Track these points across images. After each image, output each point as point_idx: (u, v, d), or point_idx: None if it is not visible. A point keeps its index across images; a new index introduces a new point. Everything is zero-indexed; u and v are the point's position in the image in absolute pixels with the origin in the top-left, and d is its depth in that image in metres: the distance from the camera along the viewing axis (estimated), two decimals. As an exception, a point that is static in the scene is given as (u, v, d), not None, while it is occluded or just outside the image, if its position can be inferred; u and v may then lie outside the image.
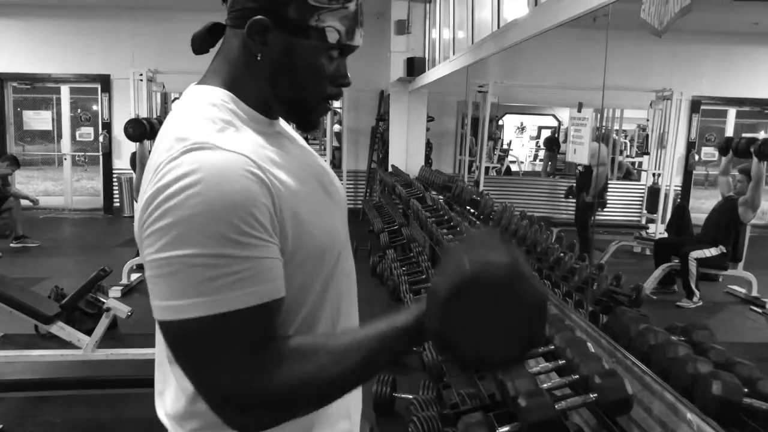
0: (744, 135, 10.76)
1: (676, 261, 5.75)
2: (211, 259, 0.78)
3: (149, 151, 5.80)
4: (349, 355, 0.84)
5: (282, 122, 1.05)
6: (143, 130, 5.50)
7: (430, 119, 9.07)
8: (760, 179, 5.55)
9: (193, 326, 0.79)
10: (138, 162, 5.48)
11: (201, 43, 1.01)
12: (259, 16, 0.89)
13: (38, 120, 11.53)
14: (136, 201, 3.89)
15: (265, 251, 0.82)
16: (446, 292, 0.76)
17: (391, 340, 0.85)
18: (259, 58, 0.92)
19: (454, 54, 5.96)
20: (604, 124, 10.26)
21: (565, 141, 12.71)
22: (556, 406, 1.63)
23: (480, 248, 0.81)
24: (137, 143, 5.48)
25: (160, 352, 0.98)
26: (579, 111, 6.02)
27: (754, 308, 5.64)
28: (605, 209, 8.49)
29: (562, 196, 9.17)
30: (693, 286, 5.56)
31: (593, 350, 1.88)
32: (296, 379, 0.82)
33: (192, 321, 0.78)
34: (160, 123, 6.11)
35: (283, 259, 0.86)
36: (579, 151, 6.02)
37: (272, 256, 0.83)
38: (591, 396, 1.64)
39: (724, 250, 5.66)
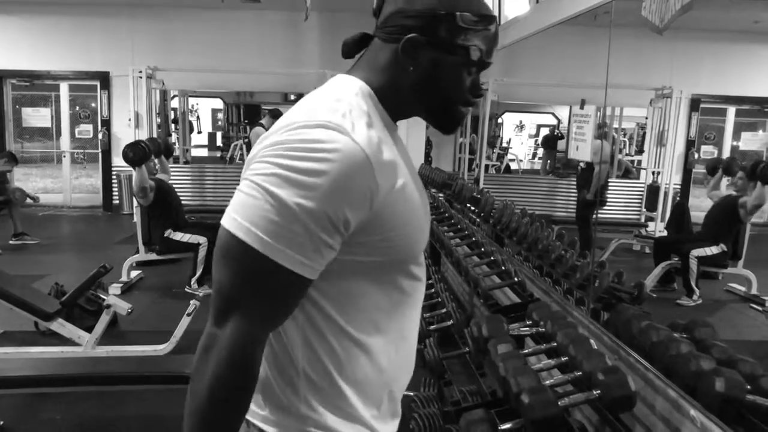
0: (744, 137, 10.82)
1: (676, 259, 5.75)
2: (291, 214, 0.87)
3: (155, 167, 5.77)
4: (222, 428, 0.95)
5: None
6: (143, 155, 5.41)
7: (429, 117, 9.06)
8: (763, 203, 5.57)
9: (241, 247, 0.89)
10: (137, 186, 5.44)
11: (350, 49, 1.09)
12: (414, 34, 0.99)
13: (37, 117, 11.50)
14: (137, 201, 3.91)
15: (331, 241, 0.91)
16: None
17: None
18: (411, 70, 1.02)
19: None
20: (607, 121, 10.27)
21: (561, 137, 12.72)
22: (559, 403, 1.63)
23: None
24: (137, 167, 5.39)
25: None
26: (582, 108, 6.02)
27: (754, 306, 5.64)
28: (605, 207, 8.49)
29: (561, 193, 9.18)
30: (693, 284, 5.56)
31: (596, 347, 1.88)
32: (236, 369, 0.91)
33: (246, 246, 0.88)
34: (156, 143, 6.09)
35: (336, 252, 0.94)
36: (581, 148, 6.02)
37: (332, 246, 0.92)
38: (594, 393, 1.63)
39: (725, 248, 5.66)
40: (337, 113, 0.94)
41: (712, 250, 5.63)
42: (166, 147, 6.54)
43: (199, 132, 15.25)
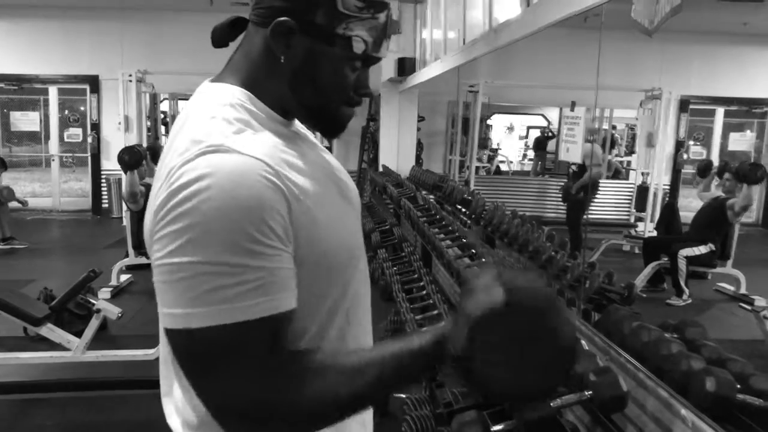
0: (732, 138, 10.89)
1: (665, 259, 5.78)
2: (221, 267, 0.75)
3: (147, 174, 5.76)
4: (361, 376, 0.81)
5: (297, 122, 1.01)
6: (138, 158, 5.43)
7: (420, 119, 9.07)
8: (749, 203, 5.62)
9: (199, 336, 0.76)
10: (128, 190, 5.42)
11: (221, 35, 0.98)
12: (284, 18, 0.86)
13: (26, 121, 11.44)
14: (126, 204, 3.87)
15: (277, 261, 0.79)
16: (476, 316, 0.73)
17: (405, 362, 0.81)
18: (282, 60, 0.89)
19: (445, 54, 5.96)
20: (603, 124, 10.33)
21: (552, 137, 12.76)
22: (551, 404, 1.63)
23: (514, 274, 0.77)
24: (128, 172, 5.38)
25: (164, 348, 0.94)
26: (572, 110, 6.04)
27: (743, 305, 5.68)
28: (595, 207, 8.53)
29: (552, 195, 9.20)
30: (683, 284, 5.59)
31: (587, 348, 1.88)
32: (306, 396, 0.79)
33: (198, 331, 0.76)
34: (152, 149, 6.08)
35: (295, 268, 0.83)
36: (572, 150, 6.04)
37: (284, 266, 0.80)
38: (586, 393, 1.64)
39: (713, 248, 5.69)
40: (213, 133, 0.82)
41: (701, 249, 5.66)
42: (154, 151, 6.52)
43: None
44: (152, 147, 6.80)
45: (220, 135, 0.82)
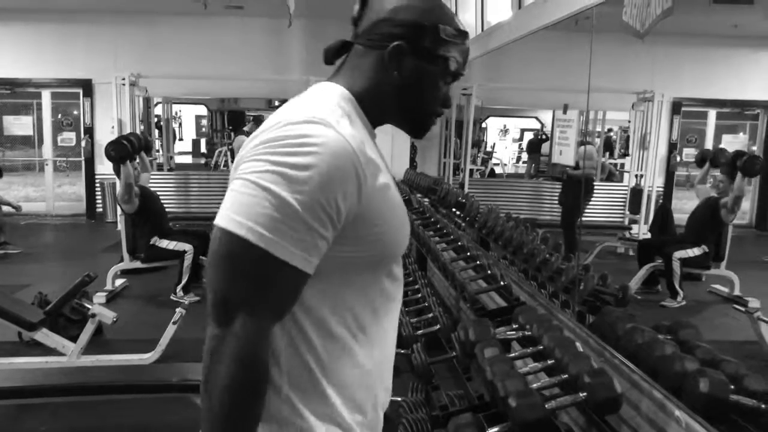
0: (725, 139, 10.93)
1: (660, 261, 5.79)
2: (289, 210, 0.91)
3: (136, 169, 5.72)
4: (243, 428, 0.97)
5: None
6: (126, 152, 5.38)
7: (414, 122, 9.07)
8: (742, 194, 5.62)
9: (242, 245, 0.91)
10: (123, 182, 5.39)
11: (332, 55, 1.14)
12: (400, 42, 1.06)
13: (19, 125, 11.41)
14: (121, 209, 3.93)
15: (327, 233, 0.94)
16: None
17: None
18: (395, 73, 1.08)
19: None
20: (597, 127, 10.36)
21: (546, 140, 12.79)
22: (546, 406, 1.64)
23: None
24: (121, 164, 5.35)
25: None
26: (565, 113, 6.07)
27: (737, 307, 5.69)
28: (589, 210, 8.54)
29: (546, 198, 9.22)
30: (677, 286, 5.60)
31: (581, 350, 1.89)
32: (245, 360, 0.93)
33: (249, 243, 0.91)
34: (139, 138, 6.06)
35: (351, 253, 1.00)
36: (565, 153, 6.06)
37: (328, 238, 0.95)
38: (580, 395, 1.65)
39: (707, 250, 5.71)
40: (321, 111, 0.99)
41: (695, 251, 5.67)
42: (146, 142, 6.45)
43: (181, 139, 15.19)
44: (143, 137, 6.75)
45: (325, 114, 0.99)
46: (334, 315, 1.04)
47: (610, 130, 12.63)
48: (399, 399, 2.87)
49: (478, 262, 3.11)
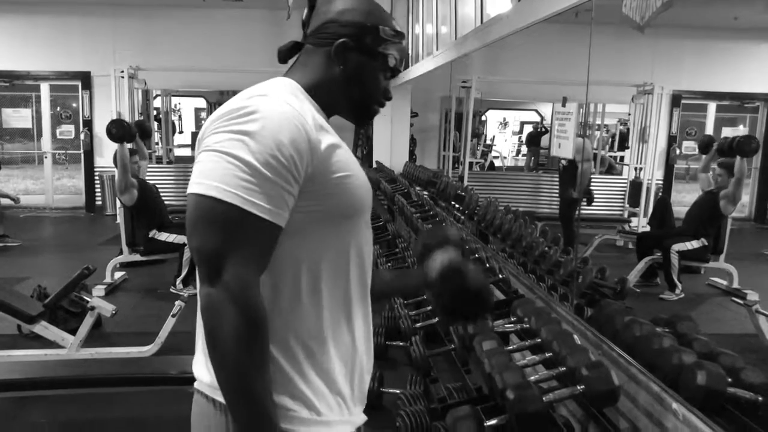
0: (725, 132, 10.92)
1: (659, 254, 5.80)
2: (250, 168, 1.01)
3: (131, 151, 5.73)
4: (259, 377, 1.03)
5: None
6: (125, 132, 5.44)
7: (413, 115, 9.07)
8: (742, 176, 5.60)
9: (215, 205, 1.01)
10: (119, 162, 5.39)
11: (284, 55, 1.28)
12: (345, 39, 1.19)
13: (17, 118, 11.39)
14: (120, 201, 3.96)
15: (290, 187, 1.04)
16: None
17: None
18: (341, 67, 1.20)
19: (437, 49, 5.96)
20: (596, 120, 10.34)
21: (546, 132, 12.77)
22: (543, 399, 1.64)
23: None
24: (118, 144, 5.41)
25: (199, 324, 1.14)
26: (564, 105, 6.04)
27: (735, 299, 5.69)
28: (590, 203, 8.54)
29: (545, 191, 9.22)
30: (675, 279, 5.60)
31: (579, 342, 1.89)
32: (245, 318, 1.00)
33: (221, 202, 1.01)
34: (139, 124, 6.07)
35: (295, 200, 1.07)
36: (564, 146, 6.04)
37: (292, 192, 1.05)
38: (578, 388, 1.65)
39: (706, 243, 5.71)
40: (271, 92, 1.11)
41: (693, 244, 5.67)
42: (143, 128, 6.46)
43: (181, 132, 15.17)
44: (140, 124, 6.75)
45: (277, 92, 1.12)
46: (310, 271, 1.12)
47: (625, 123, 12.58)
48: (398, 391, 2.87)
49: (476, 255, 3.10)
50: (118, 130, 5.38)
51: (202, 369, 1.16)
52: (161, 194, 6.11)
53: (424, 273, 1.42)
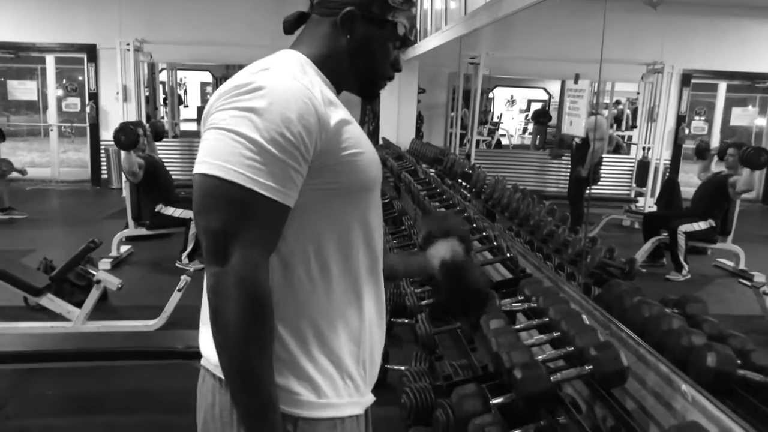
0: (735, 113, 10.82)
1: (666, 234, 5.77)
2: (256, 146, 0.97)
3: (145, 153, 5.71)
4: (262, 361, 1.01)
5: None
6: (135, 138, 5.30)
7: (420, 91, 9.01)
8: (752, 188, 5.59)
9: (220, 184, 0.98)
10: (125, 168, 5.37)
11: (290, 26, 1.24)
12: (351, 8, 1.14)
13: (23, 90, 11.37)
14: (127, 179, 3.93)
15: (298, 165, 1.01)
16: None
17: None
18: (347, 38, 1.16)
19: (446, 25, 5.89)
20: (605, 98, 10.26)
21: (547, 114, 12.68)
22: (551, 378, 1.63)
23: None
24: (124, 152, 5.32)
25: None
26: (576, 82, 5.99)
27: (742, 281, 5.69)
28: (597, 183, 8.50)
29: (552, 169, 9.18)
30: (682, 260, 5.59)
31: (588, 322, 1.88)
32: (238, 290, 0.97)
33: (228, 182, 0.97)
34: (153, 127, 6.03)
35: (303, 178, 1.03)
36: (575, 123, 6.00)
37: (300, 171, 1.02)
38: (586, 368, 1.64)
39: (713, 224, 5.69)
40: (276, 64, 1.08)
41: (700, 225, 5.65)
42: (157, 131, 6.43)
43: (186, 106, 15.13)
44: (154, 125, 6.70)
45: (283, 66, 1.07)
46: (319, 248, 1.09)
47: (617, 102, 12.47)
48: (403, 368, 2.88)
49: (484, 234, 3.09)
50: (126, 137, 5.25)
51: (210, 346, 1.11)
52: (167, 168, 6.10)
53: (427, 261, 1.42)
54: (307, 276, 1.09)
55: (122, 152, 5.39)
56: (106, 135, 9.85)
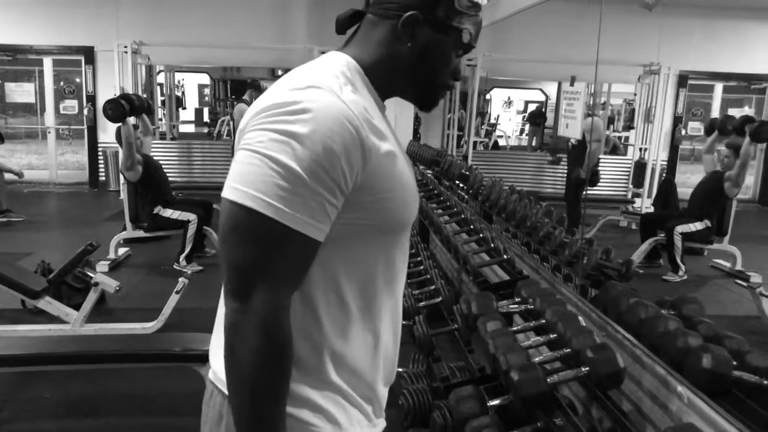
0: (731, 113, 10.84)
1: (662, 235, 5.79)
2: (293, 177, 0.90)
3: (136, 128, 5.72)
4: (275, 399, 0.96)
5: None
6: (122, 111, 5.37)
7: (418, 93, 8.99)
8: (748, 159, 5.58)
9: (251, 217, 0.91)
10: (124, 141, 5.37)
11: (342, 25, 1.14)
12: (414, 12, 1.04)
13: (21, 92, 11.34)
14: (124, 177, 3.96)
15: (334, 199, 0.94)
16: None
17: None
18: (408, 45, 1.06)
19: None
20: (602, 99, 10.26)
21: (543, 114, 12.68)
22: (547, 380, 1.64)
23: None
24: (120, 123, 5.38)
25: (221, 308, 1.05)
26: (572, 85, 6.00)
27: (739, 282, 5.70)
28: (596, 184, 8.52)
29: (549, 170, 9.18)
30: (678, 260, 5.60)
31: (584, 324, 1.89)
32: (258, 331, 0.92)
33: (257, 214, 0.90)
34: (140, 99, 6.03)
35: (338, 211, 0.96)
36: (571, 126, 6.01)
37: (335, 205, 0.95)
38: (582, 370, 1.65)
39: (709, 225, 5.70)
40: (322, 78, 0.98)
41: (696, 226, 5.66)
42: (147, 104, 6.40)
43: (184, 108, 15.12)
44: (144, 99, 6.69)
45: (328, 80, 0.98)
46: (340, 284, 1.03)
47: (604, 104, 12.50)
48: (400, 370, 2.88)
49: (481, 235, 3.10)
50: (113, 110, 5.32)
51: (220, 363, 1.06)
52: (165, 170, 6.10)
53: None
54: (324, 312, 1.03)
55: (120, 127, 5.41)
56: (104, 137, 9.86)
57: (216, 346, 1.09)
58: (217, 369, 1.09)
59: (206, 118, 15.27)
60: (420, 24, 1.05)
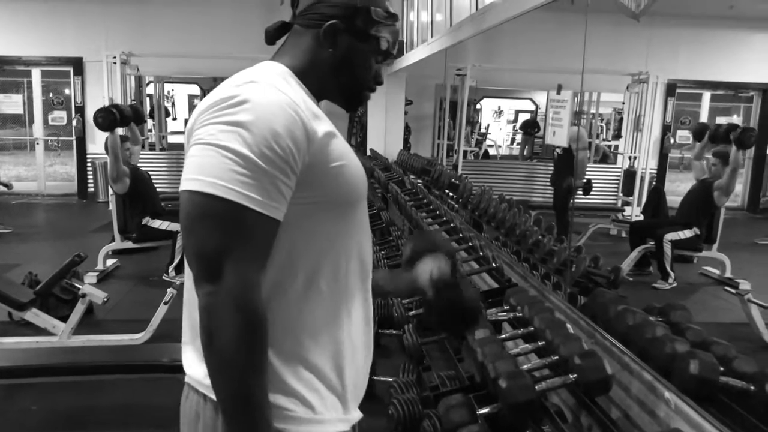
0: (719, 122, 10.92)
1: (652, 243, 5.81)
2: (245, 161, 0.96)
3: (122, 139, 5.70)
4: (260, 386, 1.00)
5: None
6: (113, 119, 5.35)
7: (408, 102, 9.03)
8: (737, 167, 5.61)
9: (212, 203, 0.96)
10: (110, 151, 5.35)
11: (272, 36, 1.23)
12: (335, 21, 1.14)
13: (9, 104, 11.30)
14: (112, 189, 3.93)
15: (287, 179, 1.00)
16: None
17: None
18: (330, 51, 1.15)
19: (432, 36, 5.93)
20: (590, 108, 10.32)
21: (536, 123, 12.74)
22: (536, 388, 1.64)
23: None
24: (108, 132, 5.36)
25: (189, 292, 1.10)
26: (558, 93, 6.03)
27: (728, 289, 5.71)
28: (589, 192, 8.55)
29: (539, 179, 9.20)
30: (668, 268, 5.62)
31: (572, 331, 1.89)
32: (233, 305, 0.96)
33: (218, 198, 0.96)
34: (134, 109, 6.02)
35: (292, 191, 1.02)
36: (558, 134, 6.04)
37: (289, 184, 1.01)
38: (571, 377, 1.64)
39: (698, 232, 5.73)
40: (263, 75, 1.07)
41: (685, 233, 5.69)
42: (138, 114, 6.37)
43: (174, 118, 15.09)
44: (134, 108, 6.67)
45: (266, 77, 1.06)
46: (307, 265, 1.08)
47: (580, 113, 12.57)
48: (390, 379, 2.87)
49: (470, 244, 3.09)
50: (104, 119, 5.31)
51: (194, 364, 1.11)
52: (154, 181, 6.08)
53: (415, 279, 1.37)
54: (294, 292, 1.07)
55: (108, 136, 5.37)
56: (93, 148, 9.82)
57: (188, 351, 1.13)
58: (189, 370, 1.12)
59: (196, 128, 15.26)
60: (340, 32, 1.14)
